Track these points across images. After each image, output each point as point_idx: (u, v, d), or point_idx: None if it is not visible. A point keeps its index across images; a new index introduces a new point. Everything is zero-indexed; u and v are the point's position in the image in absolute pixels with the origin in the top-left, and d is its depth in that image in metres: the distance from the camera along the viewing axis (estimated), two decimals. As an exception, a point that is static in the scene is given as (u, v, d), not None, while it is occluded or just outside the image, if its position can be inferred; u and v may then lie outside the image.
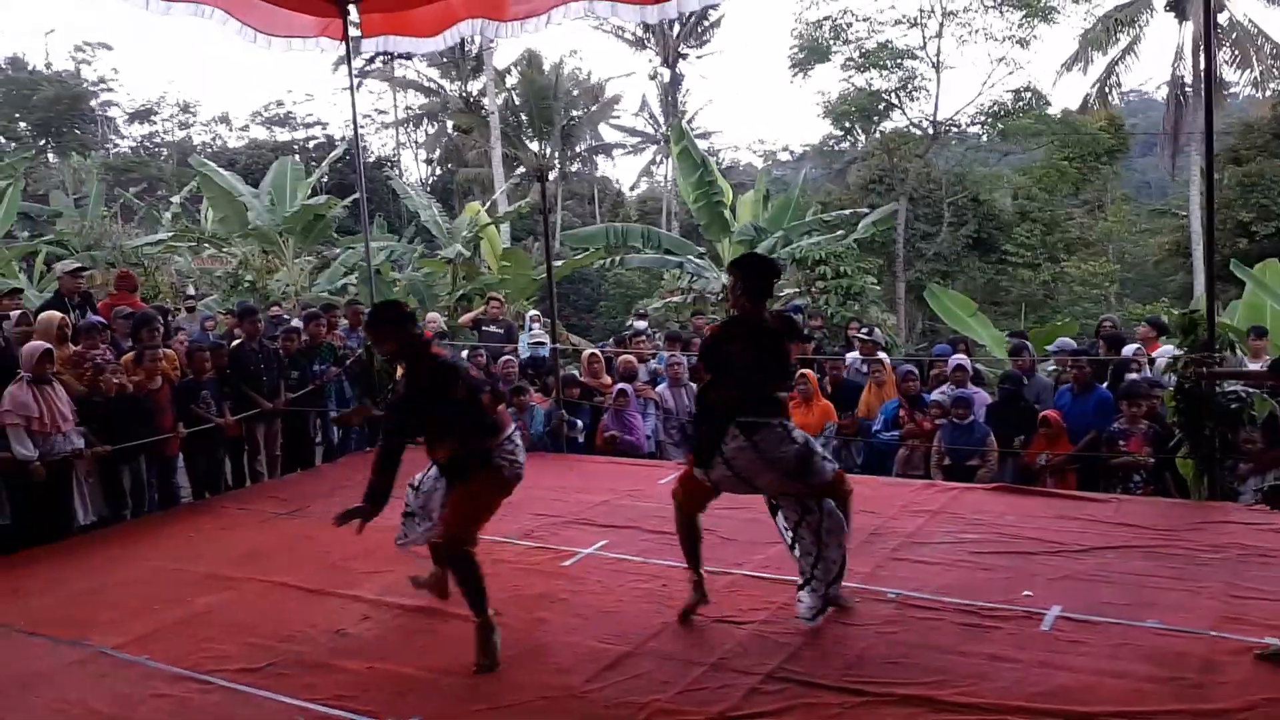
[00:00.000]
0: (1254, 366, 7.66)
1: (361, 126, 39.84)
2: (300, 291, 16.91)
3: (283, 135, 41.81)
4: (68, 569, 6.17)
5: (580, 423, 9.20)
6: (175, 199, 23.76)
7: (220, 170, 18.97)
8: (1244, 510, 6.24)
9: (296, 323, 10.39)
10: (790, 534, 4.63)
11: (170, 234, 20.00)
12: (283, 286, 17.16)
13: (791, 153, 42.97)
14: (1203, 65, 6.27)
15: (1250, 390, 6.73)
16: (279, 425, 8.72)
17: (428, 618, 4.97)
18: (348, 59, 9.80)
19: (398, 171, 34.98)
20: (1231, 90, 26.24)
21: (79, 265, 8.90)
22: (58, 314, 7.50)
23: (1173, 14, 23.47)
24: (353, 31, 9.34)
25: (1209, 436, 6.44)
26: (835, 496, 4.56)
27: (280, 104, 43.11)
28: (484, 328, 11.39)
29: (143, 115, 42.33)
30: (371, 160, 37.79)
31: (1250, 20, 23.16)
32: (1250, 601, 4.65)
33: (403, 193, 21.35)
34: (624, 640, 4.57)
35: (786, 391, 4.96)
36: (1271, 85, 24.51)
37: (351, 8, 9.08)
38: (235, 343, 8.77)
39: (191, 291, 18.53)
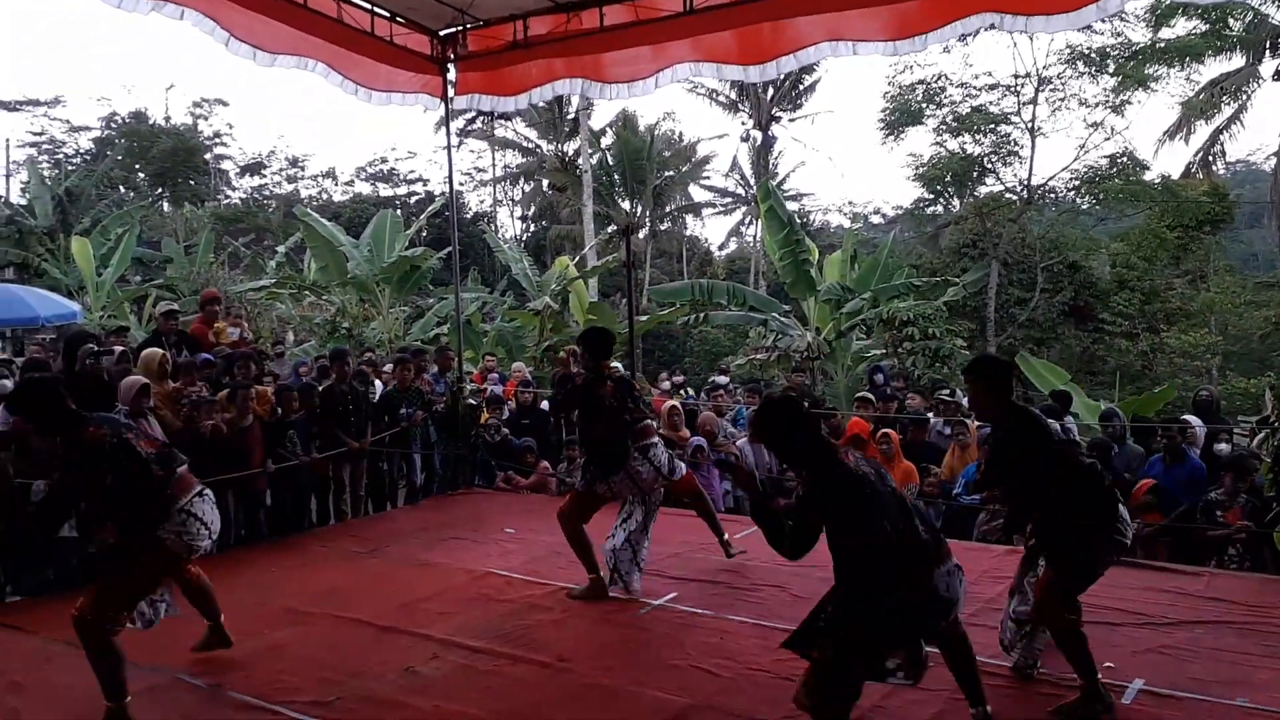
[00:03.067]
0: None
1: (461, 183, 41.11)
2: (394, 339, 17.34)
3: (385, 190, 43.19)
4: (153, 597, 6.36)
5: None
6: (280, 248, 24.64)
7: (322, 221, 19.66)
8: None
9: (389, 366, 10.67)
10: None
11: (273, 281, 20.72)
12: (378, 334, 17.62)
13: (883, 215, 42.76)
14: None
15: (1356, 465, 6.44)
16: (364, 466, 8.92)
17: (495, 660, 4.99)
18: (446, 116, 10.12)
19: (494, 227, 35.82)
20: (1345, 161, 25.34)
21: (174, 308, 9.30)
22: (159, 351, 7.81)
23: (1281, 83, 22.88)
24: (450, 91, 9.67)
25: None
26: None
27: (384, 160, 44.55)
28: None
29: (254, 168, 44.17)
30: (469, 216, 38.74)
31: (1365, 89, 22.46)
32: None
33: (495, 246, 21.85)
34: (688, 693, 4.54)
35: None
36: (1388, 157, 23.64)
37: (450, 66, 9.44)
38: (325, 384, 9.02)
39: (291, 337, 19.15)
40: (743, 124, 36.15)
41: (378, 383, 10.22)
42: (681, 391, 12.48)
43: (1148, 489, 7.36)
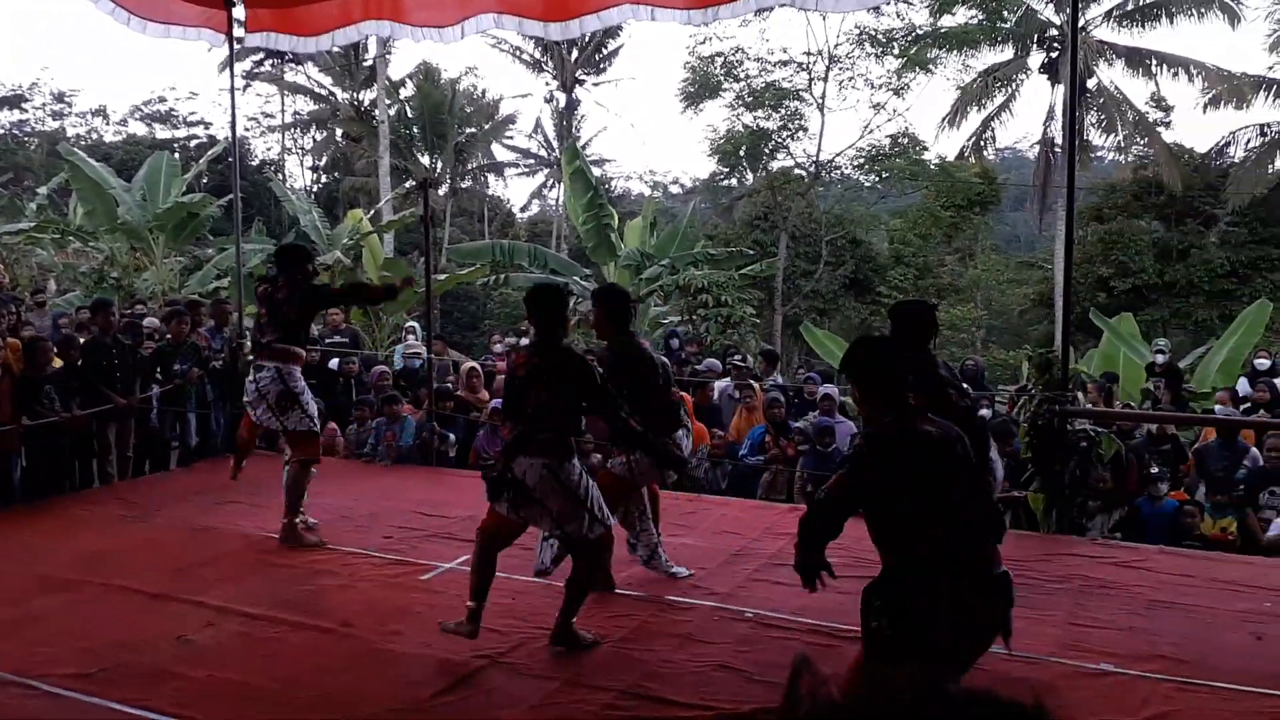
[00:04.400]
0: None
1: (246, 129, 38.84)
2: (169, 291, 16.29)
3: (163, 133, 40.19)
4: (-114, 566, 5.77)
5: (452, 436, 9.07)
6: (42, 190, 22.62)
7: (90, 161, 18.22)
8: (1089, 544, 6.52)
9: (152, 321, 10.02)
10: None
11: (33, 224, 19.03)
12: (150, 285, 16.51)
13: (682, 185, 43.52)
14: (1063, 127, 6.58)
15: (1099, 430, 7.06)
16: (132, 425, 8.35)
17: (274, 626, 4.80)
18: (230, 55, 9.55)
19: (281, 176, 34.10)
20: (1097, 153, 27.64)
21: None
22: (-105, 296, 7.05)
23: (1046, 76, 24.66)
24: (237, 30, 9.10)
25: (1059, 473, 6.70)
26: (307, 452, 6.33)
27: (163, 100, 41.48)
28: (327, 339, 11.09)
29: (13, 102, 40.17)
30: (255, 163, 36.73)
31: (1116, 87, 24.48)
32: (1089, 630, 4.86)
33: (283, 196, 20.87)
34: (479, 654, 4.51)
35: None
36: (1133, 150, 25.92)
37: (237, 1, 8.88)
38: (88, 337, 8.37)
39: (53, 286, 17.67)
40: (546, 84, 35.87)
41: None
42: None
43: None
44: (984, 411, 8.70)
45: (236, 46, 9.30)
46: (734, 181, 28.26)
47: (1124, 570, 5.81)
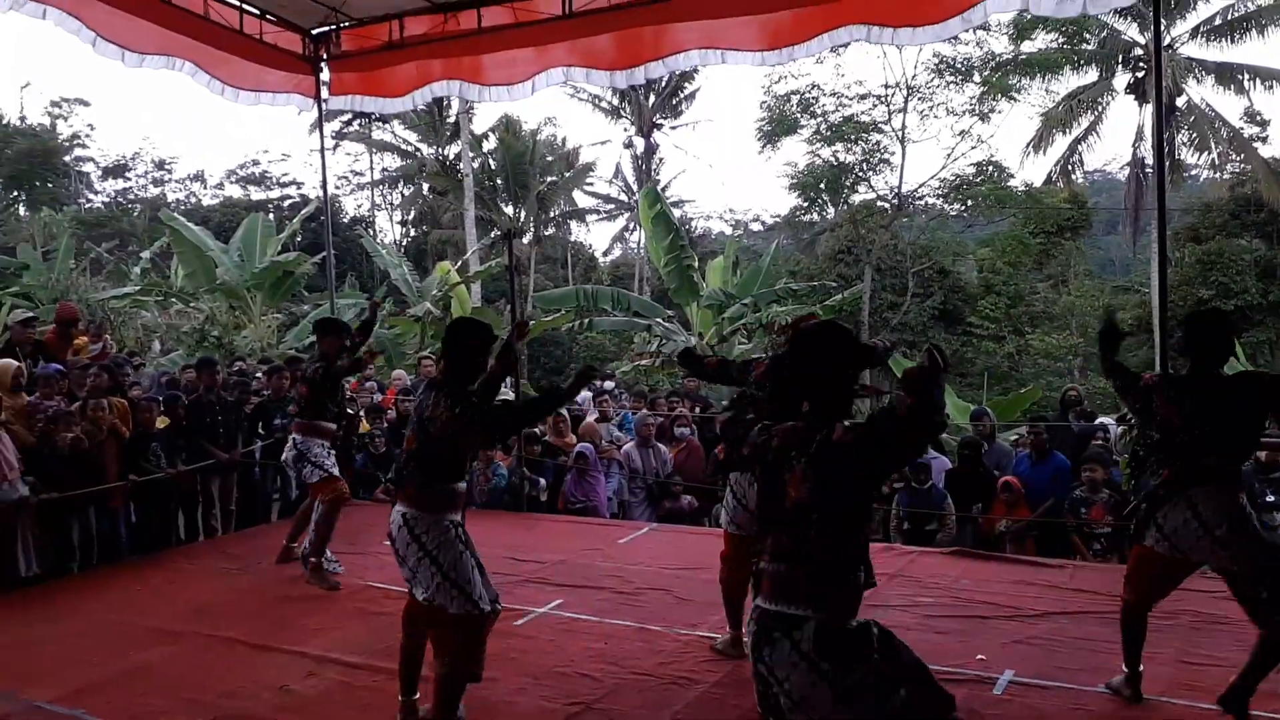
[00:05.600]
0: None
1: (337, 187, 40.16)
2: (267, 348, 16.83)
3: (258, 194, 41.92)
4: (6, 619, 6.01)
5: (542, 481, 9.14)
6: (145, 254, 23.65)
7: (190, 225, 18.98)
8: (1198, 577, 6.24)
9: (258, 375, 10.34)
10: None
11: (138, 288, 19.88)
12: (250, 343, 17.07)
13: (762, 223, 43.57)
14: (1151, 147, 6.41)
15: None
16: (234, 479, 8.60)
17: (373, 675, 4.86)
18: (319, 117, 9.89)
19: (372, 232, 35.06)
20: (1190, 172, 26.89)
21: (30, 315, 8.84)
22: (13, 363, 7.38)
23: (1133, 96, 24.12)
24: (324, 93, 9.44)
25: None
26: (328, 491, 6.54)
27: (256, 163, 43.24)
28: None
29: (117, 171, 42.33)
30: (346, 220, 37.88)
31: (1207, 104, 23.82)
32: (1202, 668, 4.65)
33: (374, 251, 21.42)
34: (574, 700, 4.51)
35: None
36: (1229, 167, 25.13)
37: (324, 66, 9.22)
38: (192, 395, 8.67)
39: (157, 346, 18.39)
40: (625, 130, 36.35)
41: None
42: (608, 396, 12.05)
43: (1002, 485, 7.66)
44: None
45: (324, 109, 9.63)
46: (815, 216, 28.18)
47: (1237, 604, 5.55)
